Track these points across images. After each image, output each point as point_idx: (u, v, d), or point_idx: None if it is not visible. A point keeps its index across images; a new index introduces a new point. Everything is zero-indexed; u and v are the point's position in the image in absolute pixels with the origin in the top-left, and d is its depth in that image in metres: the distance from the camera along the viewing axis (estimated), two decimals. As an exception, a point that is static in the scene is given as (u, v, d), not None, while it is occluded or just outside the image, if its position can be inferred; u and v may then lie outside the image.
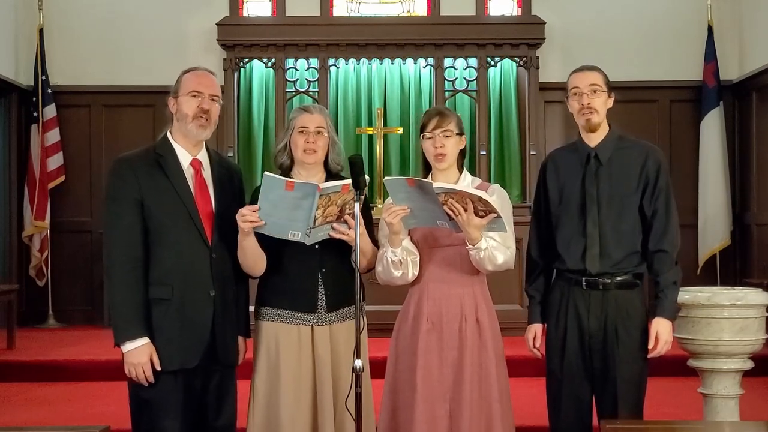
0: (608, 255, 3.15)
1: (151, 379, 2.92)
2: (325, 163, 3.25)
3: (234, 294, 3.14)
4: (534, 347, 3.33)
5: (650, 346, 3.12)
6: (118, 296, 2.94)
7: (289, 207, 2.90)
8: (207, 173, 3.11)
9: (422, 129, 3.21)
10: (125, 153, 3.13)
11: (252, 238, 3.01)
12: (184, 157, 3.08)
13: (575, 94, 3.22)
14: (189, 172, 3.06)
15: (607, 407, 3.18)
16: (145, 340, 2.92)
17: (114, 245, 2.96)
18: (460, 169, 3.26)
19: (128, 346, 2.92)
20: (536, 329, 3.33)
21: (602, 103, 3.20)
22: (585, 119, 3.20)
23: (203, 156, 3.12)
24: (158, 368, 2.92)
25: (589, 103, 3.18)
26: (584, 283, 3.17)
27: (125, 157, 3.09)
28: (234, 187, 3.20)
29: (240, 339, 3.22)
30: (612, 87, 3.28)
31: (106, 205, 3.04)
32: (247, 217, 2.93)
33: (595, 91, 3.18)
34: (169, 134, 3.11)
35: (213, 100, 3.08)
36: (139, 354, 2.91)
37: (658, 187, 3.18)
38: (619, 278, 3.16)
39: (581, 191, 3.20)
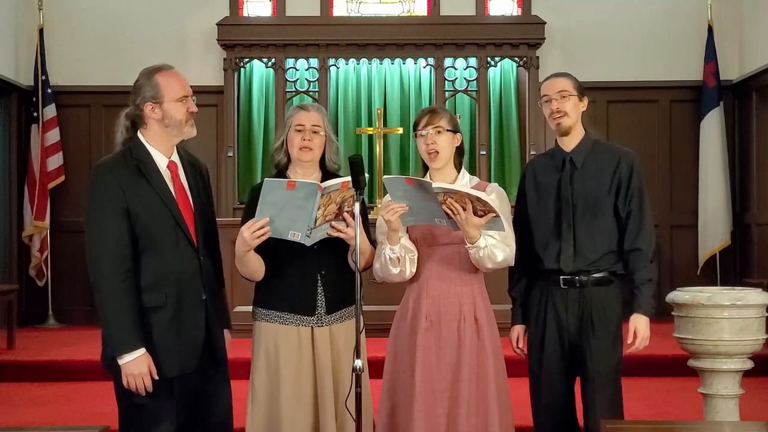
0: (582, 256, 3.24)
1: (150, 389, 2.86)
2: (322, 162, 3.25)
3: (218, 292, 3.13)
4: (517, 347, 3.40)
5: (629, 341, 3.20)
6: (111, 307, 2.86)
7: (289, 207, 2.89)
8: (182, 174, 3.05)
9: (414, 128, 3.23)
10: (103, 159, 3.04)
11: (253, 251, 3.00)
12: (161, 160, 3.00)
13: (546, 101, 3.31)
14: (167, 176, 2.99)
15: (585, 401, 3.26)
16: (142, 351, 2.86)
17: (102, 256, 2.86)
18: (458, 169, 3.27)
19: (126, 358, 2.85)
20: (518, 330, 3.40)
21: (572, 106, 3.29)
22: (556, 123, 3.30)
23: (176, 157, 3.06)
24: (156, 377, 2.87)
25: (558, 108, 3.27)
26: (562, 282, 3.25)
27: (106, 165, 2.97)
28: (205, 184, 3.15)
29: (225, 332, 3.19)
30: (612, 87, 3.34)
31: (89, 215, 2.92)
32: (258, 232, 2.91)
33: (563, 96, 3.28)
34: (141, 137, 3.01)
35: (193, 99, 3.04)
36: (138, 365, 2.85)
37: (631, 189, 3.27)
38: (595, 275, 3.25)
39: (557, 194, 3.30)
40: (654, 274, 3.25)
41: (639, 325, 3.20)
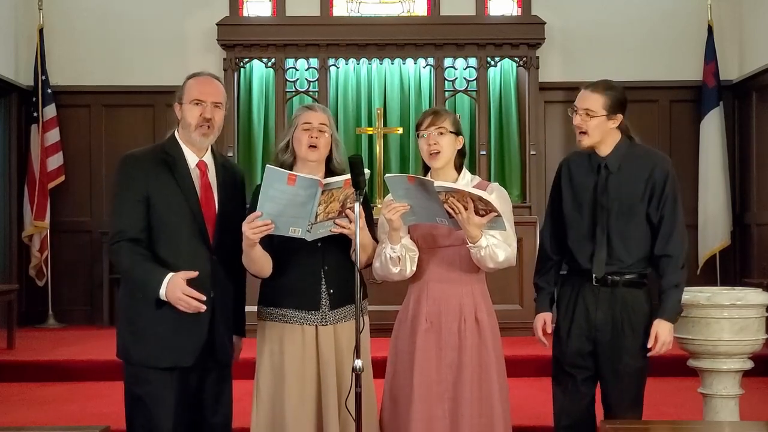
0: (616, 259, 3.25)
1: (201, 297, 2.90)
2: (328, 162, 3.26)
3: (232, 294, 3.16)
4: (542, 337, 3.39)
5: (650, 345, 3.21)
6: (132, 265, 2.97)
7: (290, 203, 2.90)
8: (212, 175, 3.14)
9: (417, 128, 3.23)
10: (133, 150, 3.16)
11: (258, 246, 3.00)
12: (191, 159, 3.11)
13: (575, 111, 3.30)
14: (195, 174, 3.09)
15: (610, 398, 3.28)
16: (169, 275, 2.91)
17: (120, 235, 2.99)
18: (458, 170, 3.26)
19: (161, 291, 2.92)
20: (545, 317, 3.40)
21: (595, 126, 3.25)
22: (578, 140, 3.31)
23: (208, 158, 3.15)
24: (202, 297, 2.90)
25: (578, 125, 3.27)
26: (594, 280, 3.26)
27: (133, 154, 3.12)
28: (237, 189, 3.23)
29: (235, 338, 3.24)
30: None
31: (113, 200, 3.10)
32: (257, 228, 2.90)
33: (588, 115, 3.25)
34: (176, 134, 3.14)
35: (216, 107, 3.10)
36: (173, 288, 2.90)
37: (665, 195, 3.27)
38: (627, 277, 3.26)
39: (592, 198, 3.30)
40: (681, 280, 3.25)
41: (660, 330, 3.20)
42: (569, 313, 3.31)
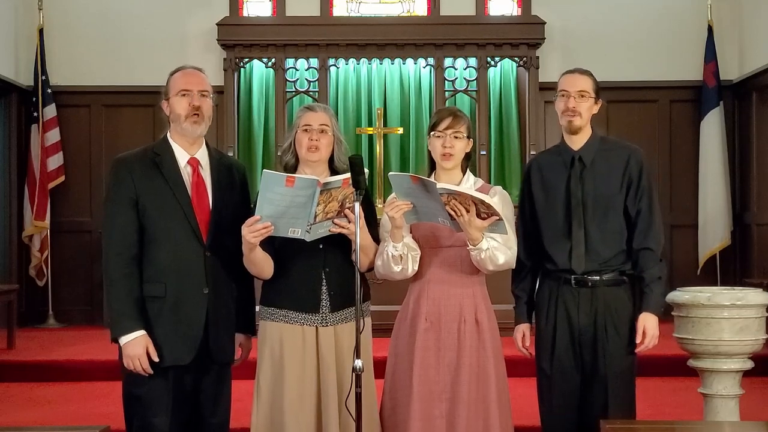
0: (595, 254, 3.23)
1: (149, 370, 2.97)
2: (331, 161, 3.26)
3: (232, 292, 3.16)
4: (523, 347, 3.39)
5: (638, 340, 3.20)
6: (114, 293, 3.00)
7: (289, 205, 2.90)
8: (205, 171, 3.14)
9: (433, 127, 3.22)
10: (124, 153, 3.18)
11: (258, 249, 3.00)
12: (182, 156, 3.11)
13: (563, 95, 3.29)
14: (186, 171, 3.10)
15: (598, 403, 3.23)
16: (141, 332, 2.97)
17: (110, 244, 3.02)
18: (464, 171, 3.27)
19: (124, 339, 2.97)
20: (524, 329, 3.39)
21: (587, 108, 3.28)
22: (567, 120, 3.28)
23: (202, 154, 3.15)
24: (155, 359, 2.97)
25: (574, 107, 3.26)
26: (573, 282, 3.23)
27: (122, 158, 3.15)
28: (235, 184, 3.22)
29: (244, 337, 3.26)
30: (612, 87, 3.35)
31: (104, 205, 3.13)
32: (257, 232, 2.91)
33: (582, 96, 3.26)
34: (168, 135, 3.16)
35: (203, 95, 3.12)
36: (135, 346, 2.96)
37: (642, 187, 3.27)
38: (606, 276, 3.24)
39: (566, 193, 3.28)
40: (663, 273, 3.25)
41: (648, 324, 3.19)
42: (551, 320, 3.27)
